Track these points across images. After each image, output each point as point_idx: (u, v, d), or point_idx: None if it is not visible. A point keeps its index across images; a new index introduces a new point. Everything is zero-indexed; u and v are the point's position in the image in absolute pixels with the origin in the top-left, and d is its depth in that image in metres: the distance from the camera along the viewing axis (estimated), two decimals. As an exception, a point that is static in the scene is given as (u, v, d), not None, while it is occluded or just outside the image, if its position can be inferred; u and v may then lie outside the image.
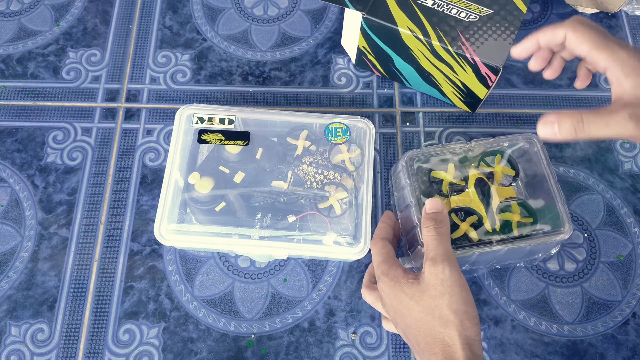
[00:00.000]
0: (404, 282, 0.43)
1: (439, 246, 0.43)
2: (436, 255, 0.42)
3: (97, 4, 0.76)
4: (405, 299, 0.42)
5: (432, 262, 0.42)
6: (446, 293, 0.40)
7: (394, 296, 0.43)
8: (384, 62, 0.67)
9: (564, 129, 0.40)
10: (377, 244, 0.48)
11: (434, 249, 0.43)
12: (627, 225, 0.63)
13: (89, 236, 0.62)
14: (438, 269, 0.41)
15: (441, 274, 0.41)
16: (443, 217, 0.45)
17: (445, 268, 0.41)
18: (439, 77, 0.64)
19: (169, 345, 0.57)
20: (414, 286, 0.42)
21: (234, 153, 0.59)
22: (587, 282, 0.61)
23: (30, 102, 0.69)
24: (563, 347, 0.58)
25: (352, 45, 0.68)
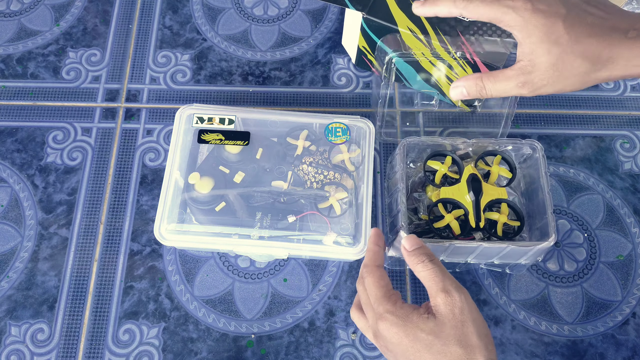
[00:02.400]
0: (417, 319, 0.41)
1: (445, 277, 0.42)
2: (446, 286, 0.41)
3: (97, 4, 0.76)
4: (422, 336, 0.40)
5: (445, 294, 0.41)
6: (468, 320, 0.40)
7: (406, 335, 0.41)
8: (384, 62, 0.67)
9: (471, 91, 0.46)
10: (374, 274, 0.45)
11: (441, 280, 0.42)
12: (627, 225, 0.63)
13: (89, 236, 0.62)
14: (454, 299, 0.40)
15: (459, 303, 0.40)
16: (428, 250, 0.44)
17: (461, 296, 0.41)
18: (439, 76, 0.64)
19: (169, 345, 0.57)
20: (430, 321, 0.40)
21: (234, 153, 0.59)
22: (587, 282, 0.61)
23: (30, 102, 0.69)
24: (563, 347, 0.58)
25: (352, 45, 0.68)
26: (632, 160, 0.67)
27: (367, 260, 0.46)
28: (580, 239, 0.63)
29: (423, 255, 0.43)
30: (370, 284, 0.44)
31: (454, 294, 0.41)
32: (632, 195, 0.65)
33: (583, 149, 0.67)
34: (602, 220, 0.64)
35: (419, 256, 0.43)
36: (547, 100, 0.70)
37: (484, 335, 0.40)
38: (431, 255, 0.43)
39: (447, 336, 0.40)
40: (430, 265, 0.42)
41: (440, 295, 0.41)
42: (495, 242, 0.53)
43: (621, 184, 0.65)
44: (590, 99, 0.71)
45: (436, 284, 0.41)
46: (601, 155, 0.67)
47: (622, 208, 0.64)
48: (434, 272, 0.42)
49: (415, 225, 0.58)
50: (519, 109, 0.70)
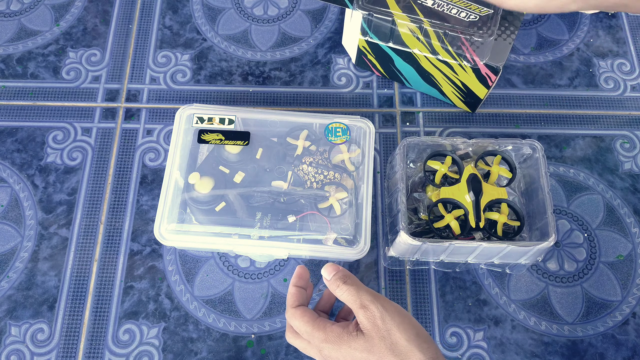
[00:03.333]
0: (347, 338, 0.42)
1: (360, 292, 0.42)
2: (362, 301, 0.42)
3: (97, 4, 0.76)
4: (357, 355, 0.41)
5: (363, 309, 0.41)
6: (393, 328, 0.40)
7: (344, 357, 0.42)
8: (384, 62, 0.67)
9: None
10: (295, 316, 0.45)
11: (357, 297, 0.42)
12: (627, 225, 0.63)
13: (89, 236, 0.62)
14: (373, 311, 0.41)
15: (378, 313, 0.41)
16: (344, 274, 0.45)
17: (377, 306, 0.41)
18: (439, 77, 0.64)
19: (169, 345, 0.57)
20: (360, 338, 0.41)
21: (234, 153, 0.59)
22: (587, 282, 0.61)
23: (30, 102, 0.69)
24: (563, 347, 0.58)
25: (352, 45, 0.68)
26: (632, 160, 0.67)
27: (287, 303, 0.47)
28: (580, 239, 0.63)
29: (338, 280, 0.44)
30: (297, 325, 0.45)
31: (370, 306, 0.41)
32: (632, 195, 0.65)
33: (583, 149, 0.67)
34: (602, 220, 0.64)
35: (335, 282, 0.44)
36: (547, 100, 0.70)
37: (413, 337, 0.40)
38: (345, 277, 0.44)
39: (379, 349, 0.40)
40: (344, 287, 0.43)
41: (360, 311, 0.41)
42: (495, 242, 0.53)
43: (621, 184, 0.65)
44: (590, 99, 0.71)
45: (354, 301, 0.42)
46: (601, 155, 0.67)
47: (622, 208, 0.64)
48: (348, 291, 0.43)
49: (415, 225, 0.58)
50: (519, 109, 0.70)
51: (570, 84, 0.71)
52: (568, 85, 0.71)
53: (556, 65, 0.73)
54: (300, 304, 0.47)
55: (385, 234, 0.61)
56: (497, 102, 0.70)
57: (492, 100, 0.70)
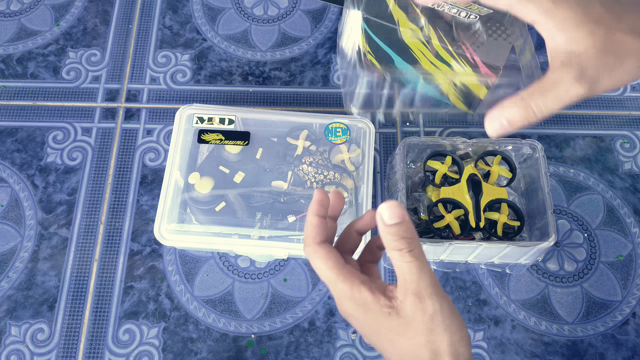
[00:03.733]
0: (377, 311, 0.35)
1: (422, 275, 0.35)
2: (419, 288, 0.35)
3: (97, 4, 0.76)
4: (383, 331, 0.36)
5: (417, 298, 0.35)
6: (436, 329, 0.35)
7: (367, 323, 0.37)
8: (385, 63, 0.67)
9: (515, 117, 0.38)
10: (319, 254, 0.37)
11: (415, 280, 0.35)
12: (627, 225, 0.63)
13: (89, 236, 0.62)
14: (427, 306, 0.35)
15: (430, 310, 0.35)
16: (412, 231, 0.36)
17: (434, 303, 0.35)
18: (439, 76, 0.64)
19: (169, 345, 0.57)
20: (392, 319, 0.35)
21: (234, 153, 0.59)
22: (587, 282, 0.61)
23: (30, 102, 0.69)
24: (563, 347, 0.58)
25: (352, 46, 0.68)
26: (632, 160, 0.67)
27: (307, 237, 0.38)
28: (580, 239, 0.63)
29: (400, 240, 0.35)
30: (319, 267, 0.37)
31: (426, 300, 0.35)
32: (632, 195, 0.65)
33: (583, 149, 0.67)
34: (602, 220, 0.64)
35: (396, 241, 0.35)
36: (547, 100, 0.70)
37: (455, 341, 0.35)
38: (410, 242, 0.35)
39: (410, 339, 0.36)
40: (408, 257, 0.35)
41: (411, 298, 0.35)
42: (495, 242, 0.53)
43: (621, 184, 0.65)
44: (590, 99, 0.71)
45: (409, 282, 0.35)
46: (601, 155, 0.67)
47: (622, 208, 0.64)
48: (409, 267, 0.35)
49: (415, 225, 0.58)
50: (519, 109, 0.70)
51: (570, 84, 0.71)
52: (568, 85, 0.71)
53: (556, 65, 0.72)
54: (323, 240, 0.38)
55: None
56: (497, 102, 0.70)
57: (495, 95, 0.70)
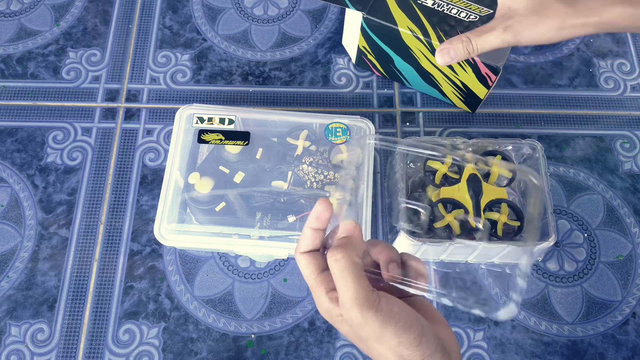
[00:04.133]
0: (334, 318, 0.37)
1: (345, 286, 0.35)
2: (343, 300, 0.35)
3: (97, 4, 0.76)
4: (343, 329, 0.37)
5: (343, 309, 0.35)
6: (370, 338, 0.35)
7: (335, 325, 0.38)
8: (384, 62, 0.67)
9: (458, 52, 0.47)
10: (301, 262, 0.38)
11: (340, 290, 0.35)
12: (627, 225, 0.63)
13: (89, 236, 0.62)
14: (351, 316, 0.35)
15: (355, 321, 0.35)
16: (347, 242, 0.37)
17: (356, 315, 0.34)
18: (439, 77, 0.64)
19: (169, 345, 0.57)
20: (343, 326, 0.36)
21: (234, 153, 0.59)
22: (587, 282, 0.61)
23: (30, 102, 0.69)
24: (563, 347, 0.58)
25: (353, 45, 0.68)
26: (632, 160, 0.67)
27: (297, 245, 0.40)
28: (580, 239, 0.63)
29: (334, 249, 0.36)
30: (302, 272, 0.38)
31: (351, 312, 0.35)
32: (632, 195, 0.65)
33: (583, 149, 0.67)
34: (602, 220, 0.64)
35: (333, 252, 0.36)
36: (547, 100, 0.70)
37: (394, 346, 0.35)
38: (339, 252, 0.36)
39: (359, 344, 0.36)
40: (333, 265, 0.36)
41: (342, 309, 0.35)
42: (495, 242, 0.53)
43: (621, 184, 0.65)
44: (590, 99, 0.71)
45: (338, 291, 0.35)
46: (601, 155, 0.67)
47: (622, 208, 0.64)
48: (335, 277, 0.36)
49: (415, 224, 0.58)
50: (519, 109, 0.70)
51: (570, 84, 0.71)
52: (568, 85, 0.71)
53: (556, 65, 0.73)
54: (310, 250, 0.39)
55: (385, 234, 0.61)
56: (497, 102, 0.70)
57: (492, 100, 0.70)
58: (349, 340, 0.38)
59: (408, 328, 0.35)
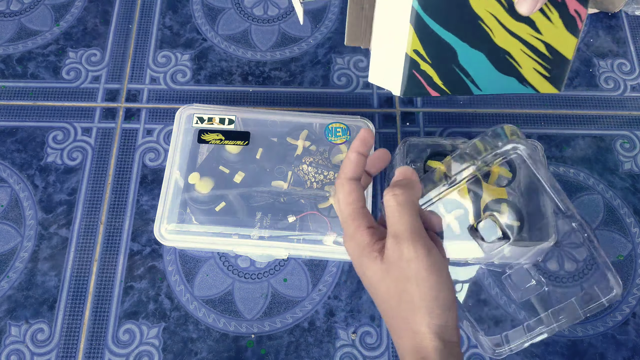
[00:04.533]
0: (367, 254, 0.37)
1: (401, 220, 0.36)
2: (398, 231, 0.35)
3: (97, 4, 0.76)
4: (368, 274, 0.37)
5: (395, 240, 0.35)
6: (412, 277, 0.35)
7: (358, 265, 0.38)
8: (445, 66, 0.49)
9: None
10: (344, 189, 0.38)
11: (395, 223, 0.36)
12: (627, 225, 0.63)
13: (89, 236, 0.62)
14: (402, 249, 0.35)
15: (406, 255, 0.35)
16: (408, 183, 0.37)
17: (409, 248, 0.35)
18: (517, 50, 0.49)
19: (169, 345, 0.57)
20: (376, 263, 0.36)
21: (234, 153, 0.59)
22: (587, 282, 0.61)
23: (30, 102, 0.69)
24: (563, 347, 0.58)
25: (396, 65, 0.48)
26: (632, 160, 0.67)
27: (341, 171, 0.39)
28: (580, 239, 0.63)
29: (390, 188, 0.37)
30: (340, 199, 0.38)
31: (403, 243, 0.35)
32: (632, 195, 0.65)
33: (583, 149, 0.67)
34: (602, 220, 0.64)
35: (388, 190, 0.37)
36: (547, 100, 0.70)
37: (430, 297, 0.35)
38: (400, 189, 0.36)
39: (389, 286, 0.36)
40: (392, 202, 0.36)
41: (390, 240, 0.36)
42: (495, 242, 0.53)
43: (621, 184, 0.65)
44: (590, 99, 0.71)
45: (390, 226, 0.36)
46: (601, 155, 0.67)
47: (622, 208, 0.64)
48: (391, 210, 0.36)
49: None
50: (519, 109, 0.70)
51: (570, 84, 0.71)
52: (568, 85, 0.71)
53: (556, 65, 0.73)
54: (354, 177, 0.38)
55: None
56: (497, 102, 0.70)
57: (492, 101, 0.70)
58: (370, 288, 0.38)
59: (448, 289, 0.36)
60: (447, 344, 0.35)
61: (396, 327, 0.37)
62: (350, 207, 0.38)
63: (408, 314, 0.36)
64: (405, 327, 0.36)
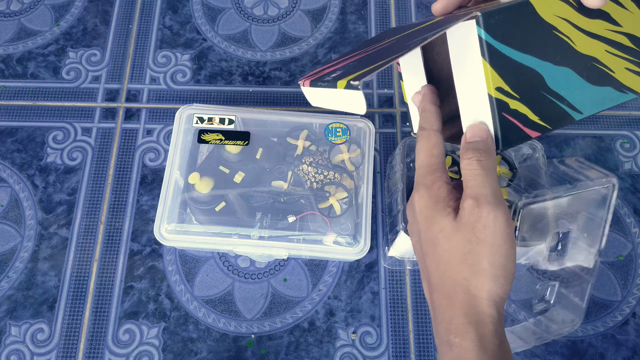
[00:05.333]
0: (441, 208, 0.36)
1: (484, 184, 0.35)
2: (480, 194, 0.35)
3: (97, 4, 0.76)
4: (435, 228, 0.36)
5: (475, 202, 0.35)
6: (486, 241, 0.34)
7: (425, 217, 0.37)
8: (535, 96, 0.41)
9: None
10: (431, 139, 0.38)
11: (477, 186, 0.35)
12: (627, 225, 0.63)
13: (89, 236, 0.62)
14: (482, 212, 0.35)
15: (485, 219, 0.34)
16: (488, 147, 0.36)
17: (490, 212, 0.34)
18: (602, 53, 0.42)
19: (169, 345, 0.57)
20: (448, 218, 0.36)
21: (234, 153, 0.59)
22: (587, 282, 0.61)
23: (30, 102, 0.69)
24: (563, 347, 0.58)
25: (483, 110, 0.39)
26: (632, 160, 0.67)
27: (424, 122, 0.39)
28: (580, 239, 0.63)
29: (472, 151, 0.36)
30: (423, 149, 0.38)
31: (484, 206, 0.35)
32: (632, 195, 0.65)
33: (583, 149, 0.67)
34: (602, 220, 0.64)
35: (468, 152, 0.36)
36: (547, 100, 0.70)
37: (499, 265, 0.34)
38: (483, 153, 0.36)
39: (456, 245, 0.35)
40: (475, 165, 0.36)
41: (469, 201, 0.35)
42: None
43: (621, 184, 0.65)
44: (590, 99, 0.71)
45: (471, 188, 0.36)
46: (601, 155, 0.67)
47: (622, 208, 0.64)
48: (474, 173, 0.36)
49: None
50: (519, 109, 0.70)
51: (570, 84, 0.71)
52: (568, 85, 0.71)
53: (556, 65, 0.73)
54: (439, 129, 0.38)
55: (385, 234, 0.61)
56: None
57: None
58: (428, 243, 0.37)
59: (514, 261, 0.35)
60: (500, 316, 0.35)
61: (449, 287, 0.36)
62: (432, 159, 0.38)
63: (470, 276, 0.35)
64: (462, 288, 0.35)
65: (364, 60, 0.39)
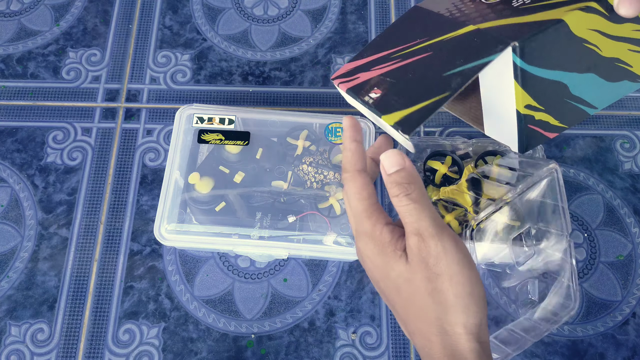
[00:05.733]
0: (390, 253, 0.34)
1: (421, 216, 0.33)
2: (420, 228, 0.33)
3: (97, 4, 0.76)
4: (392, 275, 0.35)
5: (419, 238, 0.33)
6: (444, 274, 0.33)
7: (377, 267, 0.35)
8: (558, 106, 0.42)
9: None
10: (356, 182, 0.36)
11: (415, 221, 0.33)
12: (627, 225, 0.63)
13: (89, 236, 0.62)
14: (430, 246, 0.33)
15: (434, 251, 0.33)
16: (410, 176, 0.34)
17: (437, 243, 0.33)
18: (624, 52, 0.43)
19: (169, 345, 0.57)
20: (401, 261, 0.34)
21: (234, 153, 0.59)
22: (587, 282, 0.61)
23: (30, 102, 0.69)
24: (563, 347, 0.58)
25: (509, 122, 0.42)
26: (632, 160, 0.67)
27: (346, 163, 0.37)
28: (580, 239, 0.63)
29: (395, 186, 0.34)
30: (351, 194, 0.36)
31: (428, 240, 0.33)
32: (632, 195, 0.65)
33: (583, 149, 0.67)
34: (602, 220, 0.64)
35: (392, 188, 0.34)
36: (547, 100, 0.70)
37: (465, 294, 0.33)
38: (408, 187, 0.34)
39: (417, 287, 0.33)
40: (404, 200, 0.34)
41: (413, 238, 0.34)
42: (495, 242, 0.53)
43: (621, 184, 0.65)
44: (590, 99, 0.71)
45: (410, 223, 0.34)
46: (601, 155, 0.67)
47: (622, 208, 0.64)
48: (407, 209, 0.34)
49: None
50: (519, 109, 0.70)
51: (570, 84, 0.71)
52: (568, 85, 0.71)
53: (556, 65, 0.73)
54: (363, 169, 0.36)
55: None
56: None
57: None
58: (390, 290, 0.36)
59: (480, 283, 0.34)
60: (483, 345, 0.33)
61: (424, 330, 0.34)
62: (365, 203, 0.36)
63: (441, 314, 0.33)
64: (437, 329, 0.33)
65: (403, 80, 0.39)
